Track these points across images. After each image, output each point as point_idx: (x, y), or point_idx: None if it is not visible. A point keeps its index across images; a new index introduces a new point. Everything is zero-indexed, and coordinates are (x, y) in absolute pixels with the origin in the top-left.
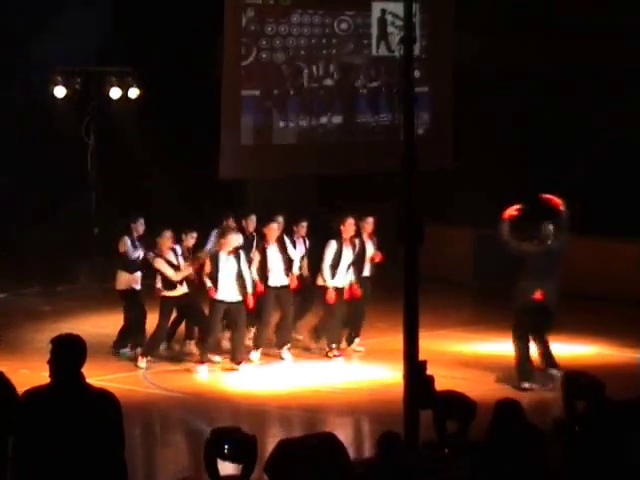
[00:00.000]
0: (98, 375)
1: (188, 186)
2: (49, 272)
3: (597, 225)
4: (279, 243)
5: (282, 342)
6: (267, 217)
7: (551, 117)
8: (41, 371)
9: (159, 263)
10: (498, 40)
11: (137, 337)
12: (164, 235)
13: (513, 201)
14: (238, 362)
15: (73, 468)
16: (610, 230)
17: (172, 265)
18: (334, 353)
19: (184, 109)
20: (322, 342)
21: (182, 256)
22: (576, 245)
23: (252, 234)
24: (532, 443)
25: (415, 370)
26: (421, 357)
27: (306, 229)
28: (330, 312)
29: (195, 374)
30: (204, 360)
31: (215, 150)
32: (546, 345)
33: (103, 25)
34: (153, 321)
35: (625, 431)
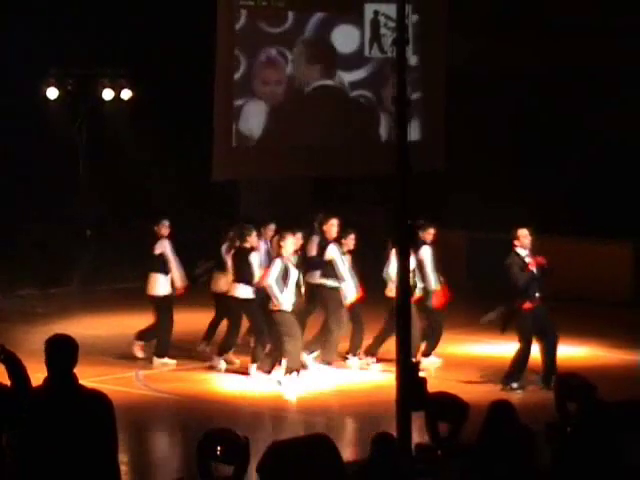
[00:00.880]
0: (91, 376)
1: (182, 187)
2: (42, 274)
3: (592, 227)
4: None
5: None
6: (258, 223)
7: (546, 119)
8: (34, 372)
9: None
10: (491, 42)
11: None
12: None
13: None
14: (296, 370)
15: (66, 469)
16: (604, 232)
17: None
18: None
19: (176, 110)
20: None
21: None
22: (567, 247)
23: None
24: (524, 444)
25: (408, 371)
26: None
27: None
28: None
29: (250, 375)
30: (254, 360)
31: (208, 151)
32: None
33: (96, 27)
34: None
35: (616, 432)
